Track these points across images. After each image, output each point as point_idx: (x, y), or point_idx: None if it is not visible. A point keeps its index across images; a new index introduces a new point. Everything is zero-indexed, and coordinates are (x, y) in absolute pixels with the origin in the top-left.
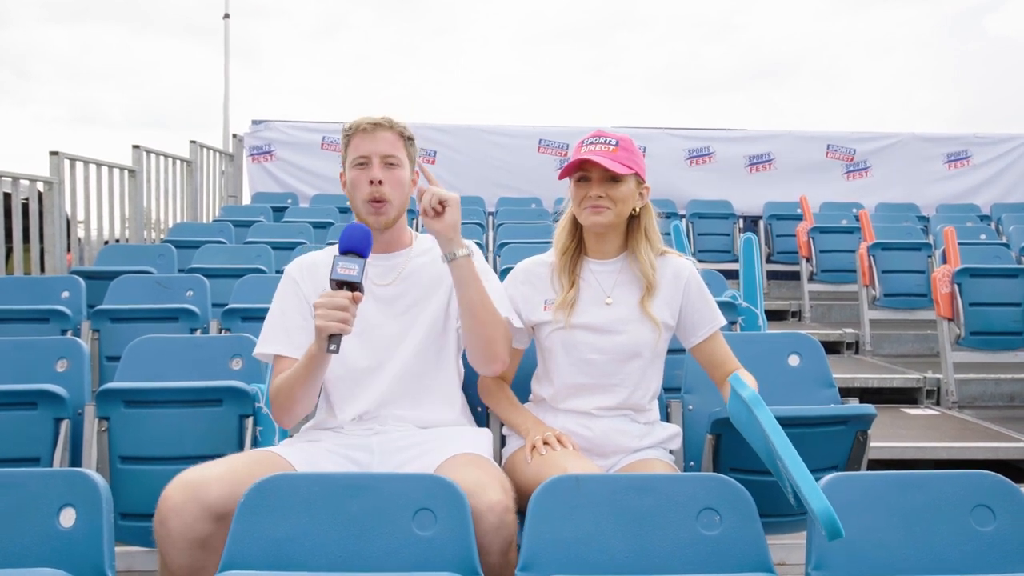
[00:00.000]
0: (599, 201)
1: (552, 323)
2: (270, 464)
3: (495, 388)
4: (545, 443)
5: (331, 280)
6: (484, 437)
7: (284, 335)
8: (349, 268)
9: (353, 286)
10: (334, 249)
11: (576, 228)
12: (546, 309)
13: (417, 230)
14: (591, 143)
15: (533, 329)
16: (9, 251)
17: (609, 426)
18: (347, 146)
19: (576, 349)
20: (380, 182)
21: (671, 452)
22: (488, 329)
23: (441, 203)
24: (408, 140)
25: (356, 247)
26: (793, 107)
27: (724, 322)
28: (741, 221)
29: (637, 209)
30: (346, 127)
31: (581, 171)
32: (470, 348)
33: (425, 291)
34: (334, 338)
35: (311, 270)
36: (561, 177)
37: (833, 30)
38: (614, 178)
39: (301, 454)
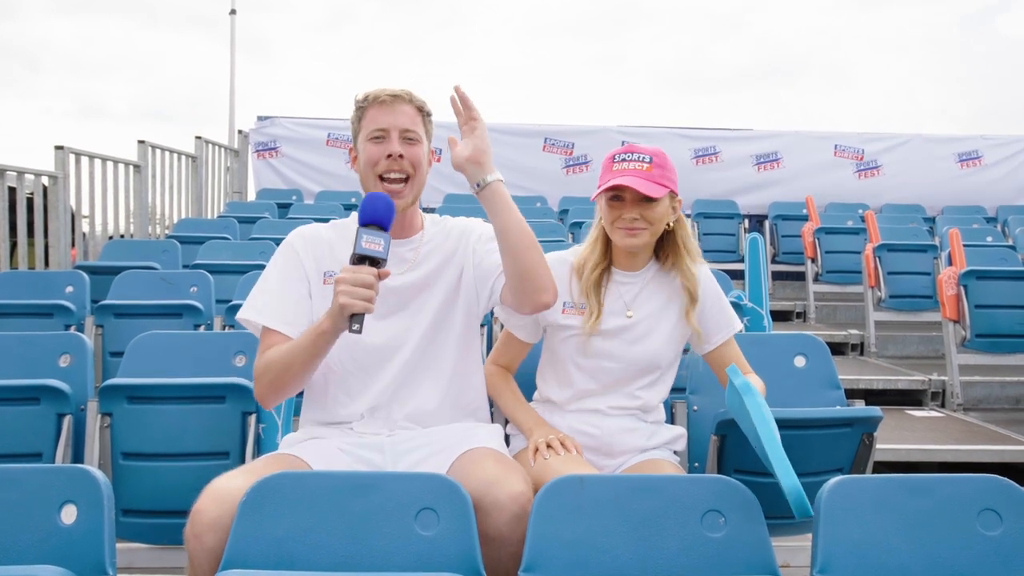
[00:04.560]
0: (634, 224)
1: (570, 328)
2: (292, 468)
3: (500, 381)
4: (549, 446)
5: (353, 254)
6: (496, 432)
7: (279, 307)
8: (374, 243)
9: (376, 261)
10: (339, 224)
11: (607, 244)
12: (564, 312)
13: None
14: (624, 160)
15: (546, 329)
16: (13, 246)
17: (617, 425)
18: (361, 119)
19: (593, 357)
20: (400, 156)
21: (676, 453)
22: (530, 254)
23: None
24: (427, 116)
25: (379, 219)
26: (799, 104)
27: (740, 327)
28: (747, 221)
29: (671, 224)
30: (360, 98)
31: (614, 191)
32: (514, 281)
33: (433, 279)
34: (356, 317)
35: (314, 243)
36: (594, 198)
37: (842, 28)
38: (649, 198)
39: (316, 454)
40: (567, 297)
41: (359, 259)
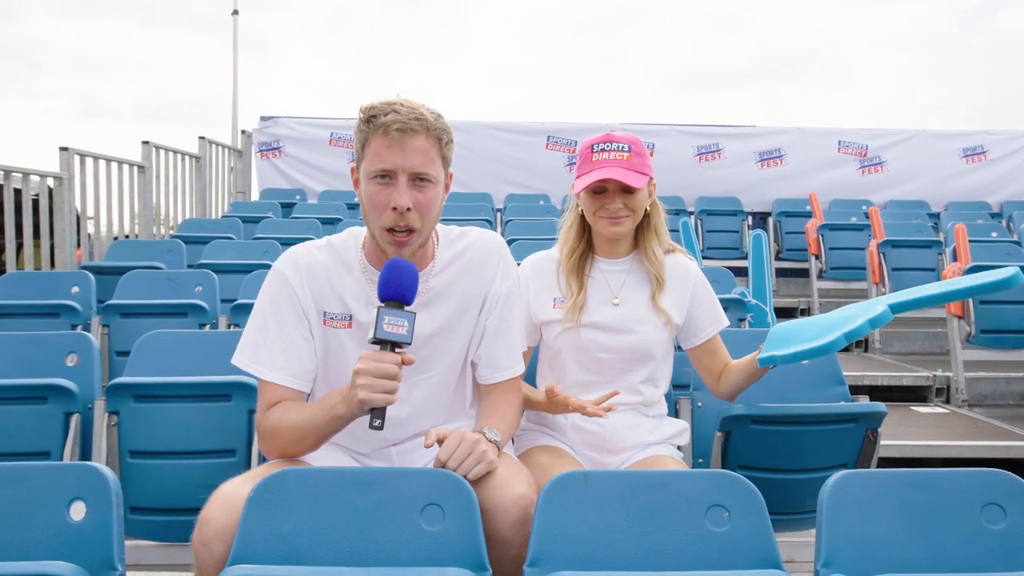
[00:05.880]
0: (618, 213)
1: (561, 323)
2: None
3: None
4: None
5: (373, 337)
6: None
7: (281, 358)
8: (398, 325)
9: (398, 344)
10: (334, 243)
11: (584, 229)
12: (555, 307)
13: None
14: (603, 150)
15: (540, 327)
16: (19, 247)
17: (619, 421)
18: (364, 143)
19: (586, 350)
20: (408, 209)
21: (679, 448)
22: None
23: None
24: (446, 143)
25: (402, 294)
26: (800, 103)
27: (727, 323)
28: (750, 218)
29: (647, 208)
30: (364, 115)
31: (597, 182)
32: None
33: (450, 319)
34: (377, 411)
35: (310, 275)
36: (578, 192)
37: (843, 26)
38: (633, 188)
39: (323, 459)
40: (556, 292)
41: (378, 340)
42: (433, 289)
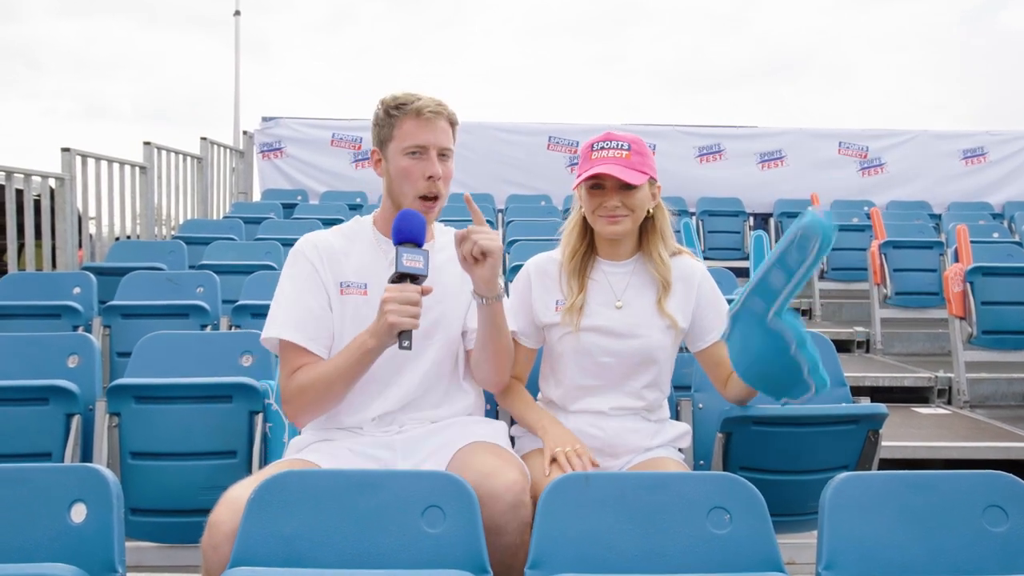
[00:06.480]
0: (616, 211)
1: (562, 326)
2: None
3: (510, 387)
4: (567, 456)
5: (395, 273)
6: (500, 427)
7: (302, 323)
8: (415, 260)
9: (416, 277)
10: (345, 229)
11: (586, 230)
12: (557, 310)
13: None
14: (602, 148)
15: (543, 329)
16: (21, 247)
17: (621, 425)
18: (394, 126)
19: (588, 353)
20: (439, 178)
21: (680, 451)
22: (502, 359)
23: (483, 253)
24: (456, 128)
25: (415, 236)
26: (800, 103)
27: None
28: (752, 219)
29: (651, 210)
30: (393, 103)
31: (595, 179)
32: (479, 372)
33: (449, 290)
34: (405, 334)
35: (328, 252)
36: (575, 187)
37: (843, 26)
38: (630, 185)
39: (327, 457)
40: (558, 295)
41: (399, 277)
42: (434, 263)
